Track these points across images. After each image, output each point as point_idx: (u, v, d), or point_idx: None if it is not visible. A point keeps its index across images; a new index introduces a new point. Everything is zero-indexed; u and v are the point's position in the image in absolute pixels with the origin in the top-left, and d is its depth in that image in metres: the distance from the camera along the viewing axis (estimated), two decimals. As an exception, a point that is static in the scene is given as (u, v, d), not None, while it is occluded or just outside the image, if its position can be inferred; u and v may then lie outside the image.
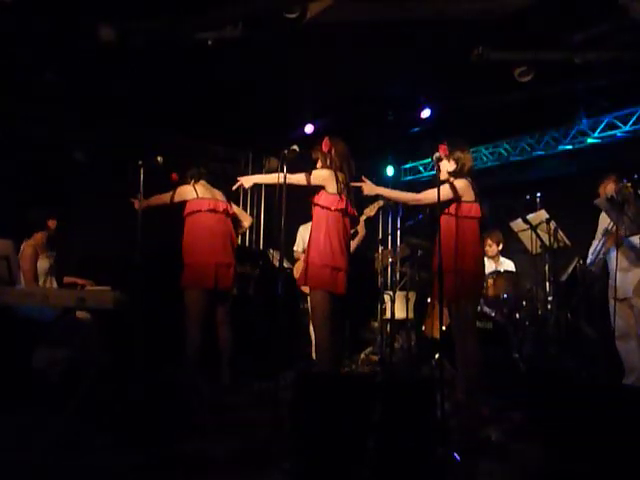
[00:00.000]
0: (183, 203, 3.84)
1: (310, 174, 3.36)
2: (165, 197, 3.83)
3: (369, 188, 3.43)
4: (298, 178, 3.34)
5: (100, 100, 5.37)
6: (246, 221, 4.15)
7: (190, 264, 3.69)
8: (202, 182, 3.92)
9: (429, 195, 3.17)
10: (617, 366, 3.94)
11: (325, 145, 3.43)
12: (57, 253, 4.43)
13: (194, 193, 3.79)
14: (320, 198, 3.35)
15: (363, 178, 3.46)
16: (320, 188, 3.37)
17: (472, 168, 3.40)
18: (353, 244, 4.97)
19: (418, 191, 3.50)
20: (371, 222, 4.95)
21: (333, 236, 3.30)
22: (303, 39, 4.36)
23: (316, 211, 3.38)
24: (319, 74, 4.94)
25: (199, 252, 3.69)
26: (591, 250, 4.17)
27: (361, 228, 4.99)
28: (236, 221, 4.03)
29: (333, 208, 3.31)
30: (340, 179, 3.37)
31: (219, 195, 3.94)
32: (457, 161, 3.35)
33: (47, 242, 4.32)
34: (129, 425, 2.64)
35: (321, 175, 3.37)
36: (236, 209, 4.12)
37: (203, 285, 3.66)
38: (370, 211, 4.79)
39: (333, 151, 3.42)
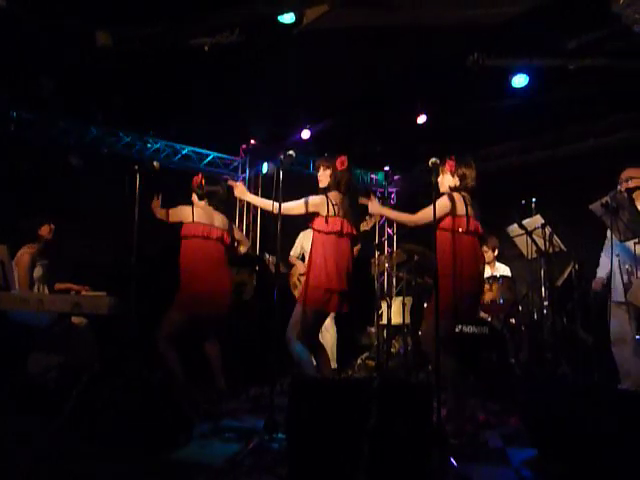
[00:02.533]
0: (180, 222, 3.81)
1: (307, 201, 3.36)
2: (164, 213, 3.81)
3: (375, 208, 3.46)
4: (295, 207, 3.36)
5: (96, 104, 5.38)
6: (243, 247, 4.09)
7: (184, 289, 3.66)
8: (202, 203, 3.85)
9: (425, 215, 3.19)
10: (613, 371, 3.95)
11: (341, 164, 3.41)
12: (51, 259, 4.42)
13: (190, 216, 3.74)
14: (315, 222, 3.38)
15: (371, 196, 3.47)
16: (315, 214, 3.38)
17: (474, 186, 3.36)
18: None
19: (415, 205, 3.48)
20: (367, 234, 4.94)
21: (329, 259, 3.30)
22: (300, 44, 4.38)
23: (313, 234, 3.40)
24: (315, 79, 4.96)
25: (193, 279, 3.65)
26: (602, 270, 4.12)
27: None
28: (230, 247, 3.95)
29: (327, 231, 3.32)
30: (335, 201, 3.36)
31: (218, 220, 3.85)
32: (461, 178, 3.35)
33: (41, 250, 4.32)
34: (123, 431, 2.62)
35: (314, 203, 3.37)
36: (237, 234, 4.06)
37: (193, 311, 3.63)
38: (366, 225, 4.78)
39: (344, 172, 3.41)
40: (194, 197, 3.87)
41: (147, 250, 4.01)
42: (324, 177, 3.45)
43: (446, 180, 3.40)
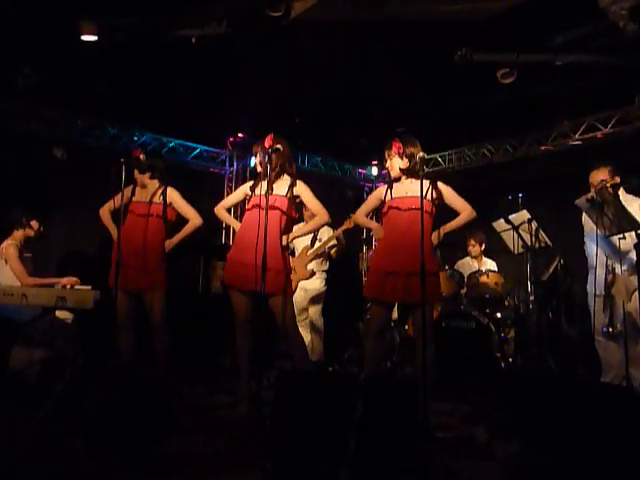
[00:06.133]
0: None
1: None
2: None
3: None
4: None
5: (81, 96, 5.30)
6: (192, 221, 3.78)
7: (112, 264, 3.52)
8: (145, 179, 3.78)
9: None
10: (596, 364, 3.99)
11: (268, 141, 3.36)
12: (35, 253, 4.37)
13: (129, 192, 3.71)
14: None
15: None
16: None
17: (423, 165, 3.22)
18: (334, 252, 5.01)
19: None
20: (350, 231, 4.93)
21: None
22: (288, 37, 4.35)
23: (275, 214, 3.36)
24: (303, 72, 4.93)
25: (124, 254, 3.49)
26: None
27: (341, 238, 4.93)
28: (174, 222, 3.81)
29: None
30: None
31: (158, 195, 3.74)
32: (409, 157, 3.30)
33: (25, 242, 4.27)
34: (107, 426, 2.60)
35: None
36: (184, 209, 3.80)
37: (125, 287, 3.54)
38: (350, 223, 4.76)
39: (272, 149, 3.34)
40: (136, 172, 3.76)
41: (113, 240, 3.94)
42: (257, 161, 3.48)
43: (395, 163, 3.35)
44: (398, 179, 3.39)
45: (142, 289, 3.62)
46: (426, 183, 3.28)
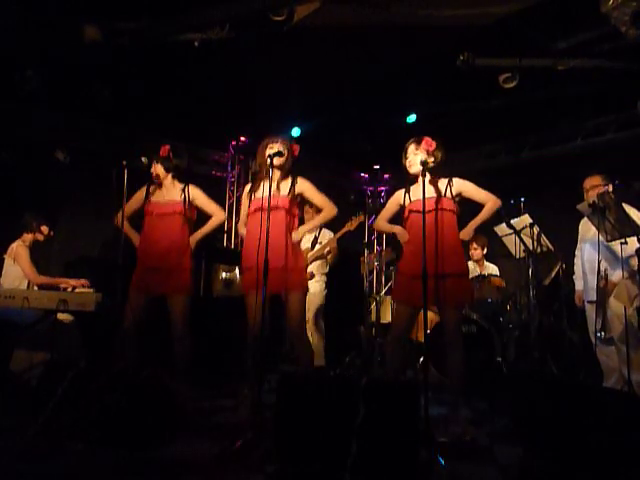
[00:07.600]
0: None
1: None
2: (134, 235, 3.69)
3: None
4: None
5: (84, 98, 5.31)
6: (216, 217, 3.77)
7: (137, 266, 3.59)
8: (167, 178, 3.73)
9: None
10: (598, 368, 3.99)
11: (295, 151, 3.52)
12: (39, 255, 4.38)
13: (143, 193, 3.69)
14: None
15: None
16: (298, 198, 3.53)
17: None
18: (330, 259, 5.01)
19: None
20: (352, 234, 4.92)
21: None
22: (290, 41, 4.37)
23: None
24: (305, 77, 4.94)
25: (144, 256, 3.55)
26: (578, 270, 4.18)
27: (334, 247, 4.90)
28: (192, 220, 3.76)
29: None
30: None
31: (177, 194, 3.69)
32: (435, 158, 3.30)
33: (33, 245, 4.30)
34: (111, 428, 2.60)
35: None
36: (207, 207, 3.78)
37: (145, 289, 3.52)
38: (351, 225, 4.74)
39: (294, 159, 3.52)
40: (160, 168, 3.68)
41: (135, 246, 3.96)
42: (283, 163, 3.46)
43: (418, 159, 3.26)
44: (414, 181, 3.36)
45: (166, 292, 3.55)
46: (444, 181, 3.31)
